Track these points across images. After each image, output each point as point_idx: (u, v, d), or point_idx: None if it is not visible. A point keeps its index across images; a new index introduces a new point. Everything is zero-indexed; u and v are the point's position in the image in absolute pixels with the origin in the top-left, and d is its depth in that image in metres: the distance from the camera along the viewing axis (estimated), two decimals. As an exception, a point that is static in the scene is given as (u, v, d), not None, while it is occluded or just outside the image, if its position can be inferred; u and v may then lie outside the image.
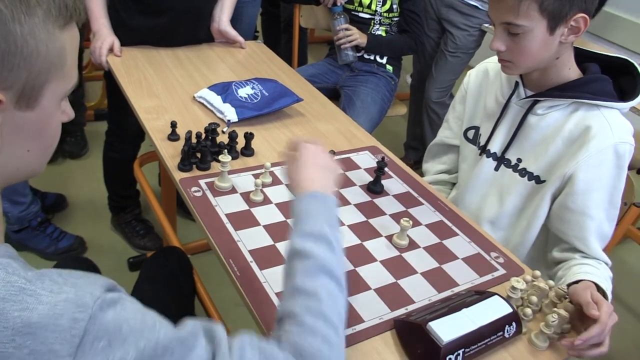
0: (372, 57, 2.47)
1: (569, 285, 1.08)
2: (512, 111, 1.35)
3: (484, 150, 1.42)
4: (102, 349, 0.55)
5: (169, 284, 1.35)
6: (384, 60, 2.49)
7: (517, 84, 1.33)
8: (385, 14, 2.41)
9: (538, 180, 1.31)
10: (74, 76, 0.68)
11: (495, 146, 1.39)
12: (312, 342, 0.69)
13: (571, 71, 1.26)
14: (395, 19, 2.44)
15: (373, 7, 2.40)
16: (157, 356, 0.59)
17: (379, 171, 1.33)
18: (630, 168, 2.52)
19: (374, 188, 1.35)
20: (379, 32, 2.45)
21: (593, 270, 1.19)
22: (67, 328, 0.54)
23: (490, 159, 1.40)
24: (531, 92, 1.31)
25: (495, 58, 1.38)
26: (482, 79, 1.46)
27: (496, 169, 1.39)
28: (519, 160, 1.35)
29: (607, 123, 1.21)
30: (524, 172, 1.34)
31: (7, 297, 0.54)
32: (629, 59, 1.28)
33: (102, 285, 0.60)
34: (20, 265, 0.59)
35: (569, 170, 1.23)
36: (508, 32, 1.18)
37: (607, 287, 1.14)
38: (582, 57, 1.29)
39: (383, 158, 1.37)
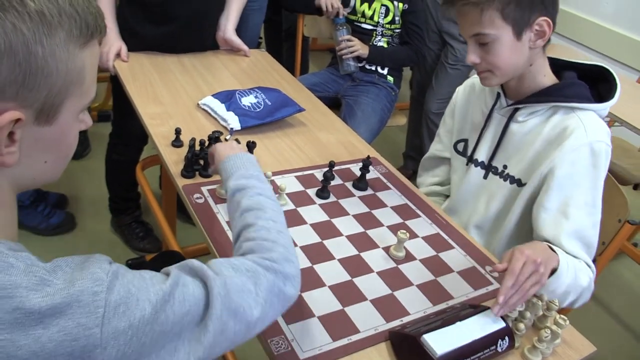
0: (373, 68, 2.50)
1: None
2: (495, 120, 1.40)
3: (470, 159, 1.45)
4: (122, 313, 0.59)
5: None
6: (385, 71, 2.52)
7: (498, 94, 1.38)
8: (387, 26, 2.44)
9: (519, 183, 1.35)
10: (93, 91, 0.68)
11: (482, 155, 1.43)
12: (267, 236, 0.83)
13: (546, 78, 1.30)
14: (397, 30, 2.47)
15: (375, 18, 2.43)
16: (165, 302, 0.64)
17: (364, 169, 1.40)
18: (624, 183, 2.56)
19: (359, 185, 1.41)
20: (380, 44, 2.48)
21: (559, 250, 1.17)
22: (89, 302, 0.58)
23: (479, 167, 1.44)
24: (511, 101, 1.36)
25: None
26: (469, 94, 1.51)
27: (485, 177, 1.43)
28: (505, 166, 1.38)
29: (582, 124, 1.24)
30: (507, 177, 1.37)
31: (31, 286, 0.57)
32: (604, 66, 1.32)
33: (105, 259, 0.64)
34: (35, 258, 0.61)
35: (544, 169, 1.26)
36: (479, 44, 1.23)
37: (568, 263, 1.15)
38: (559, 67, 1.33)
39: (368, 157, 1.42)
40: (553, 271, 1.10)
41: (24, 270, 0.58)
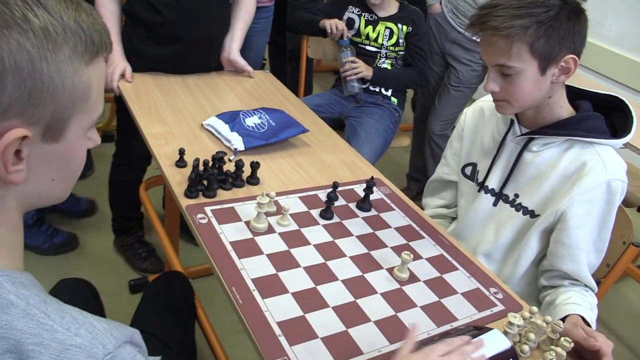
0: (377, 89, 2.52)
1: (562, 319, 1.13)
2: (508, 148, 1.39)
3: (482, 186, 1.45)
4: None
5: (170, 308, 1.37)
6: (389, 93, 2.53)
7: (512, 121, 1.37)
8: (391, 48, 2.46)
9: (532, 214, 1.35)
10: (100, 108, 0.68)
11: (493, 182, 1.42)
12: None
13: (564, 109, 1.30)
14: (401, 53, 2.49)
15: (379, 41, 2.45)
16: None
17: (367, 189, 1.39)
18: (629, 205, 2.56)
19: (363, 205, 1.40)
20: (384, 65, 2.50)
21: (580, 301, 1.24)
22: None
23: (489, 194, 1.43)
24: (526, 129, 1.35)
25: (489, 97, 1.43)
26: (478, 118, 1.51)
27: (495, 204, 1.42)
28: (517, 195, 1.38)
29: (601, 160, 1.24)
30: (519, 207, 1.37)
31: (25, 329, 0.56)
32: (619, 96, 1.33)
33: (119, 337, 0.62)
34: (41, 297, 0.60)
35: (562, 206, 1.27)
36: (501, 74, 1.22)
37: (592, 318, 1.20)
38: (574, 95, 1.33)
39: (372, 177, 1.42)
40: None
41: (24, 310, 0.57)
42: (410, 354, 0.85)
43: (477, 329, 1.01)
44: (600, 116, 1.29)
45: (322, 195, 1.42)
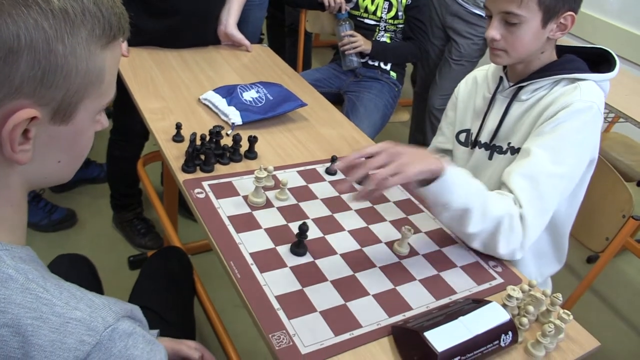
0: (376, 64, 2.49)
1: None
2: (498, 103, 1.40)
3: (475, 143, 1.44)
4: None
5: (169, 283, 1.37)
6: (388, 67, 2.50)
7: (501, 78, 1.39)
8: (390, 21, 2.43)
9: (518, 151, 1.32)
10: (112, 92, 0.67)
11: (485, 136, 1.43)
12: None
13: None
14: (400, 26, 2.46)
15: (378, 13, 2.42)
16: None
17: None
18: (629, 180, 2.55)
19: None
20: (383, 39, 2.47)
21: (480, 190, 1.14)
22: (72, 348, 0.56)
23: (482, 149, 1.43)
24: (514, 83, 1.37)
25: (482, 67, 1.49)
26: (471, 85, 1.52)
27: (490, 157, 1.41)
28: (509, 143, 1.37)
29: (579, 89, 1.24)
30: (513, 151, 1.36)
31: (24, 303, 0.56)
32: (604, 48, 1.34)
33: (118, 311, 0.61)
34: (40, 272, 0.60)
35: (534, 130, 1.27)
36: (505, 22, 1.24)
37: (461, 174, 1.11)
38: (561, 53, 1.35)
39: None
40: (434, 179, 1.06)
41: (22, 284, 0.57)
42: None
43: (476, 302, 1.01)
44: (584, 62, 1.31)
45: (321, 169, 1.41)
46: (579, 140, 1.22)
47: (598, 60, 1.33)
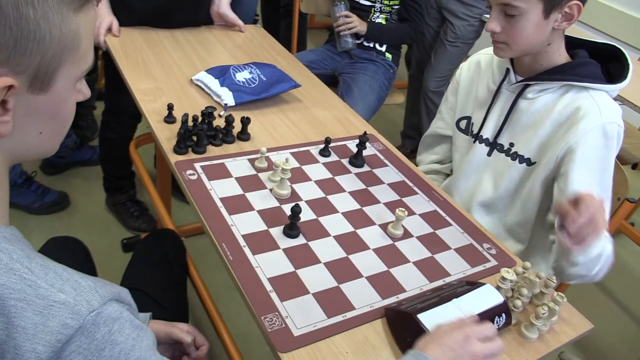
0: (371, 45, 2.46)
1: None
2: (503, 97, 1.37)
3: (476, 137, 1.43)
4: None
5: (162, 266, 1.36)
6: (383, 48, 2.48)
7: (507, 70, 1.35)
8: (385, 2, 2.40)
9: (529, 162, 1.33)
10: (90, 58, 0.65)
11: (488, 132, 1.40)
12: None
13: (561, 58, 1.28)
14: (396, 7, 2.43)
15: (374, -6, 2.39)
16: None
17: (360, 145, 1.37)
18: (624, 163, 2.55)
19: (355, 162, 1.38)
20: (379, 20, 2.44)
21: None
22: (54, 331, 0.55)
23: (483, 144, 1.42)
24: (521, 77, 1.33)
25: (487, 49, 1.43)
26: (474, 70, 1.48)
27: (489, 154, 1.41)
28: (511, 144, 1.36)
29: (596, 104, 1.22)
30: (515, 156, 1.35)
31: (8, 284, 0.55)
32: (616, 45, 1.30)
33: (104, 294, 0.60)
34: (25, 252, 0.59)
35: (560, 152, 1.25)
36: (505, 14, 1.21)
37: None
38: (571, 45, 1.31)
39: (365, 133, 1.40)
40: None
41: (6, 264, 0.56)
42: (425, 340, 0.82)
43: (469, 284, 1.01)
44: (596, 63, 1.27)
45: (314, 151, 1.40)
46: (612, 162, 1.25)
47: (608, 56, 1.30)
